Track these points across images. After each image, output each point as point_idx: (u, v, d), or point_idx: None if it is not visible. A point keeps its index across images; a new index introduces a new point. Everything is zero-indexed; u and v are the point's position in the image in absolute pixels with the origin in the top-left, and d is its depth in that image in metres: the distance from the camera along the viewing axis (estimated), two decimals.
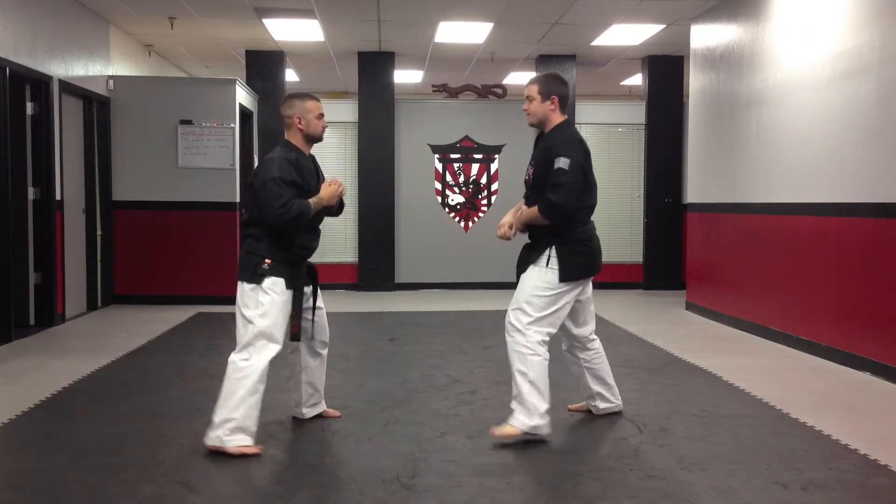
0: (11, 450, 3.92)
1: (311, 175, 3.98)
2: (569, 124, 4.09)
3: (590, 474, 3.51)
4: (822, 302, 6.12)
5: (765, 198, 7.02)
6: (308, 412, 4.26)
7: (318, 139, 4.08)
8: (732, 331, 7.37)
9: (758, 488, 3.35)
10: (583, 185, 3.95)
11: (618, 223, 10.74)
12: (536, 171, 4.03)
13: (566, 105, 4.09)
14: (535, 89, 4.03)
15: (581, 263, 3.99)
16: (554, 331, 4.02)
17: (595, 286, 4.30)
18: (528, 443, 3.93)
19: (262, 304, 3.82)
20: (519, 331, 3.92)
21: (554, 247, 3.95)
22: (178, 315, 7.97)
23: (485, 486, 3.38)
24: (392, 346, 6.51)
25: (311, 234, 4.04)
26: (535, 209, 3.95)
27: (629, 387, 5.12)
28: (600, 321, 7.88)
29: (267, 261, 3.85)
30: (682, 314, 8.49)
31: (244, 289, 3.87)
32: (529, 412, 3.87)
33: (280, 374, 5.35)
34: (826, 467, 3.61)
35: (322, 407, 4.32)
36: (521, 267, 4.07)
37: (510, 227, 4.06)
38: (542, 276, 3.95)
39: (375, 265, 10.37)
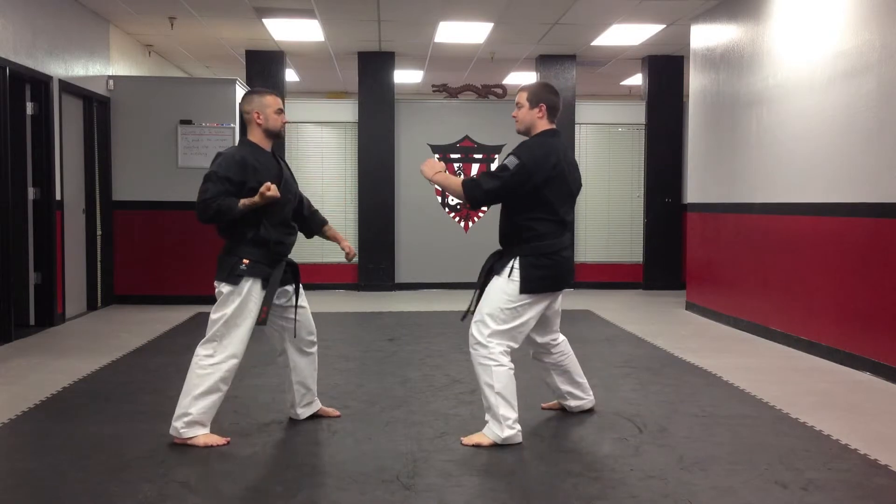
0: (11, 450, 3.92)
1: (267, 172, 3.94)
2: (553, 133, 4.05)
3: (590, 474, 3.51)
4: (823, 302, 6.12)
5: (765, 198, 7.02)
6: (303, 412, 4.26)
7: (278, 134, 4.09)
8: (732, 331, 7.37)
9: (758, 488, 3.35)
10: (531, 193, 3.89)
11: (618, 223, 10.74)
12: None
13: (555, 115, 4.08)
14: (524, 96, 4.04)
15: (544, 277, 3.93)
16: (516, 345, 3.98)
17: (595, 286, 4.33)
18: (528, 442, 3.93)
19: (235, 305, 3.82)
20: (480, 343, 3.89)
21: (518, 258, 3.93)
22: (178, 315, 7.98)
23: (485, 486, 3.38)
24: (392, 346, 6.52)
25: (285, 230, 4.01)
26: (458, 179, 4.03)
27: (629, 387, 5.13)
28: (601, 321, 7.91)
29: (245, 261, 3.83)
30: (682, 314, 8.49)
31: (221, 289, 3.85)
32: (500, 424, 3.84)
33: (280, 374, 5.36)
34: (826, 467, 3.61)
35: (317, 406, 4.31)
36: (485, 275, 4.05)
37: (429, 168, 4.10)
38: (504, 287, 3.91)
39: (375, 265, 10.37)
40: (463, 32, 9.39)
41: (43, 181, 7.19)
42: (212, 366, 3.84)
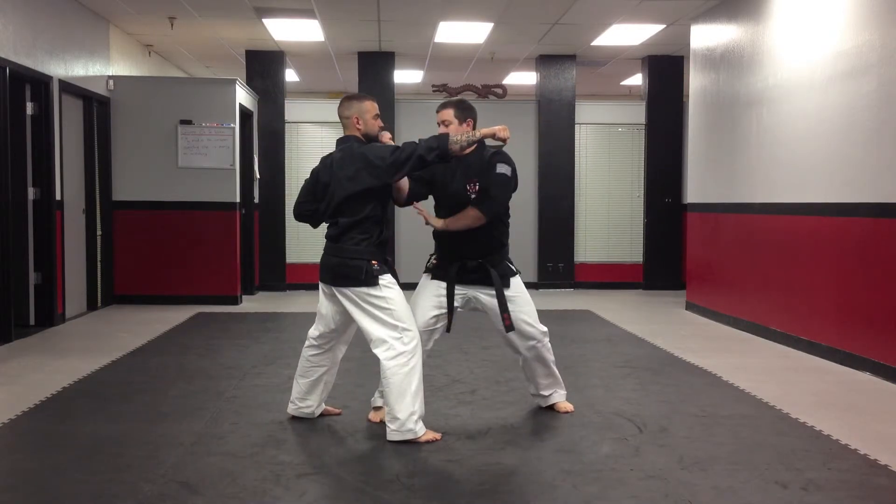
0: (11, 450, 3.92)
1: None
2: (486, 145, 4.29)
3: (590, 474, 3.51)
4: (822, 302, 6.12)
5: (765, 198, 7.02)
6: (318, 411, 4.31)
7: (376, 139, 4.16)
8: (732, 331, 7.37)
9: (758, 488, 3.35)
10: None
11: (618, 223, 10.74)
12: (483, 185, 4.15)
13: (476, 126, 4.28)
14: (450, 114, 4.23)
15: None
16: None
17: (595, 286, 4.41)
18: (528, 442, 3.94)
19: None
20: (545, 332, 4.31)
21: (504, 261, 4.28)
22: (178, 315, 7.97)
23: (484, 486, 3.38)
24: None
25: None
26: (467, 211, 4.14)
27: (629, 387, 5.13)
28: (601, 321, 7.91)
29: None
30: (682, 314, 8.49)
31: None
32: (563, 385, 4.52)
33: (280, 374, 5.37)
34: (826, 467, 3.61)
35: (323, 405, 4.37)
36: (476, 283, 4.22)
37: (437, 223, 4.25)
38: (521, 284, 4.31)
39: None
40: (463, 32, 9.38)
41: (43, 181, 7.19)
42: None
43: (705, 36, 8.39)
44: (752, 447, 3.89)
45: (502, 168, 4.16)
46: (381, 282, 3.90)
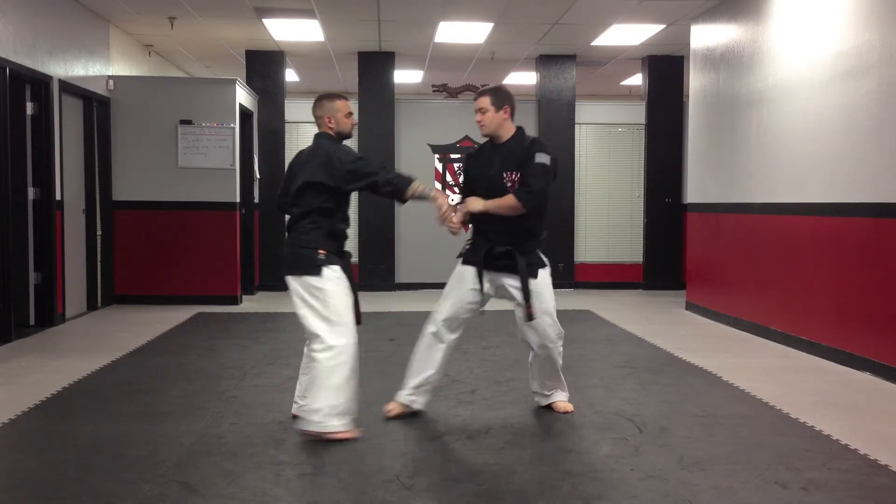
0: (11, 450, 3.92)
1: None
2: (524, 132, 4.27)
3: (590, 474, 3.51)
4: (822, 302, 6.12)
5: (765, 198, 7.02)
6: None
7: (348, 136, 4.22)
8: (732, 331, 7.37)
9: (758, 488, 3.35)
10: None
11: (618, 223, 10.74)
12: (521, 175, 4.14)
13: (514, 115, 4.28)
14: (487, 101, 4.23)
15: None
16: None
17: (595, 286, 4.40)
18: (528, 442, 3.94)
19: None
20: (560, 336, 4.27)
21: (536, 252, 4.24)
22: (178, 315, 7.97)
23: (485, 486, 3.38)
24: (392, 346, 6.51)
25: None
26: (508, 197, 4.09)
27: (629, 387, 5.13)
28: (601, 321, 7.91)
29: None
30: (682, 314, 8.49)
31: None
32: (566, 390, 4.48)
33: (280, 374, 5.37)
34: (826, 467, 3.61)
35: None
36: (504, 270, 4.17)
37: (475, 204, 4.15)
38: (548, 280, 4.24)
39: (375, 265, 10.38)
40: (463, 32, 9.38)
41: (43, 181, 7.19)
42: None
43: (705, 36, 8.39)
44: (752, 447, 3.89)
45: (541, 157, 4.11)
46: (324, 273, 3.95)
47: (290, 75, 11.89)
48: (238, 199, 8.98)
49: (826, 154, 6.09)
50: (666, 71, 10.54)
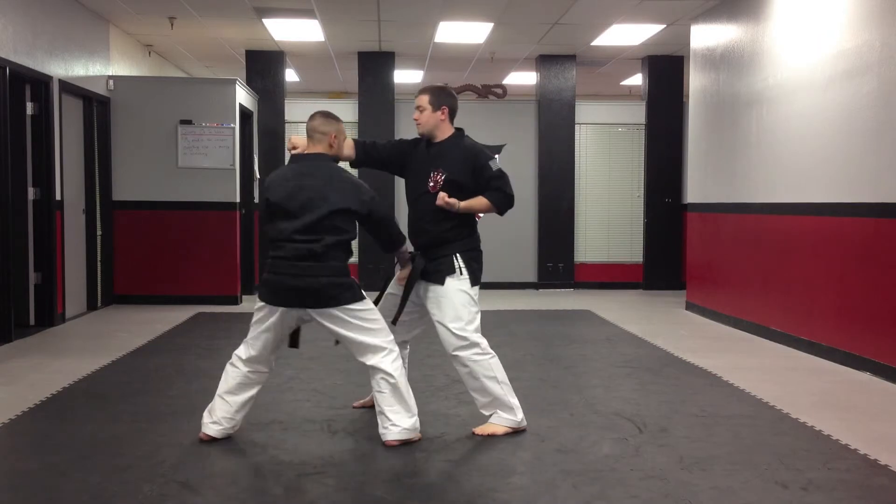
0: (11, 450, 3.92)
1: None
2: (465, 134, 4.18)
3: (590, 474, 3.51)
4: (822, 302, 6.12)
5: (765, 198, 7.02)
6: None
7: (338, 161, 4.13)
8: (732, 331, 7.37)
9: (758, 488, 3.35)
10: None
11: (618, 223, 10.74)
12: (450, 177, 4.05)
13: (454, 117, 4.17)
14: (425, 99, 4.10)
15: (479, 269, 4.13)
16: None
17: (595, 286, 4.36)
18: (528, 442, 3.94)
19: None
20: (470, 342, 3.97)
21: (458, 255, 4.05)
22: (178, 315, 7.97)
23: (485, 486, 3.38)
24: None
25: None
26: (480, 199, 4.04)
27: (629, 387, 5.13)
28: (601, 321, 7.91)
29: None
30: (682, 314, 8.49)
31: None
32: (514, 410, 4.02)
33: (280, 374, 5.36)
34: (826, 467, 3.61)
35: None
36: (421, 276, 4.09)
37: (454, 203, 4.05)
38: (460, 286, 4.01)
39: (375, 265, 10.37)
40: (463, 32, 9.38)
41: (43, 181, 7.19)
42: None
43: (705, 36, 8.39)
44: (752, 447, 3.89)
45: (495, 164, 4.08)
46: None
47: (290, 75, 11.89)
48: (238, 200, 8.97)
49: (826, 154, 6.09)
50: (666, 71, 10.54)
